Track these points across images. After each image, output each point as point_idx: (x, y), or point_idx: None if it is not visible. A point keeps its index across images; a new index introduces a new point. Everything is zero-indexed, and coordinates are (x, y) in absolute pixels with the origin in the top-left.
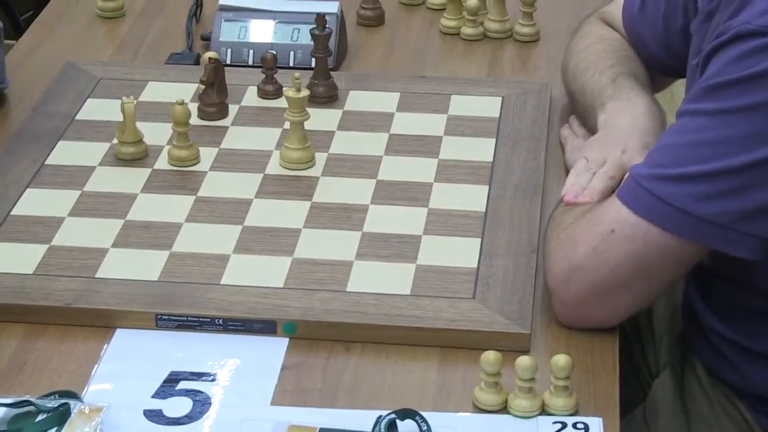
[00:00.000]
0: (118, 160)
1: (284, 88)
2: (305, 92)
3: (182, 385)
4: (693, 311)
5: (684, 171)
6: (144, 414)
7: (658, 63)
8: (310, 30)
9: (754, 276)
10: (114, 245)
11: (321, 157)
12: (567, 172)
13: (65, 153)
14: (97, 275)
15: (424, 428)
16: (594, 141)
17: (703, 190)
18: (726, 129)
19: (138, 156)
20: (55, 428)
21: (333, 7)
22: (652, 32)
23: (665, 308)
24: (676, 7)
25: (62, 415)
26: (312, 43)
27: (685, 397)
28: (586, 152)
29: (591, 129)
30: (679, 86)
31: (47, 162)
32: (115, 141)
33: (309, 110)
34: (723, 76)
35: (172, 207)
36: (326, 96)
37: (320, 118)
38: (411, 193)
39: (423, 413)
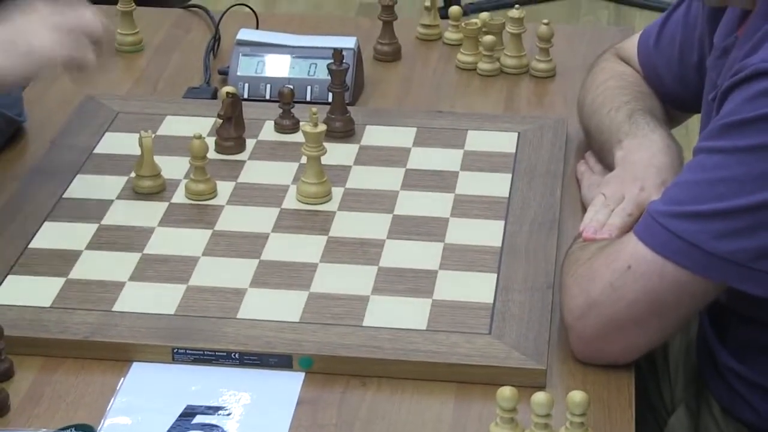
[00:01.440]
0: (135, 193)
1: (301, 123)
2: (322, 127)
3: (198, 419)
4: (708, 349)
5: (700, 208)
6: None
7: (673, 98)
8: (328, 65)
9: (766, 312)
10: (131, 279)
11: (337, 192)
12: (583, 207)
13: (83, 186)
14: (114, 309)
15: None
16: (612, 178)
17: (718, 227)
18: (742, 167)
19: (155, 190)
20: None
21: (350, 43)
22: (668, 67)
23: (680, 345)
24: (692, 42)
25: None
26: (329, 78)
27: None
28: (604, 189)
29: (608, 165)
30: (695, 121)
31: (65, 195)
32: (132, 174)
33: (326, 145)
34: (739, 114)
35: (189, 241)
36: (343, 131)
37: (337, 153)
38: (427, 228)
39: None
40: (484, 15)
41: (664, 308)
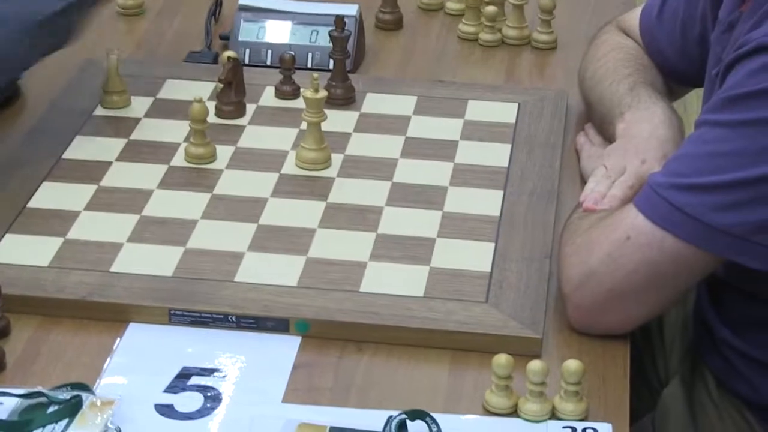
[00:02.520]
0: (103, 109)
1: (302, 89)
2: (323, 93)
3: (194, 380)
4: (705, 322)
5: (701, 181)
6: (155, 408)
7: (674, 71)
8: (329, 32)
9: (765, 287)
10: (129, 240)
11: (337, 158)
12: (582, 179)
13: (82, 148)
14: (111, 269)
15: (434, 430)
16: (613, 150)
17: (719, 200)
18: (744, 140)
19: (121, 105)
20: (67, 420)
21: (352, 10)
22: (669, 40)
23: (676, 317)
24: (694, 16)
25: (74, 407)
26: (330, 44)
27: (695, 407)
28: (606, 160)
29: (608, 137)
30: (693, 98)
31: (64, 156)
32: (132, 136)
33: (326, 112)
34: (743, 87)
35: (188, 204)
36: (344, 98)
37: (337, 120)
38: (426, 196)
39: (434, 414)
40: None
41: (663, 280)
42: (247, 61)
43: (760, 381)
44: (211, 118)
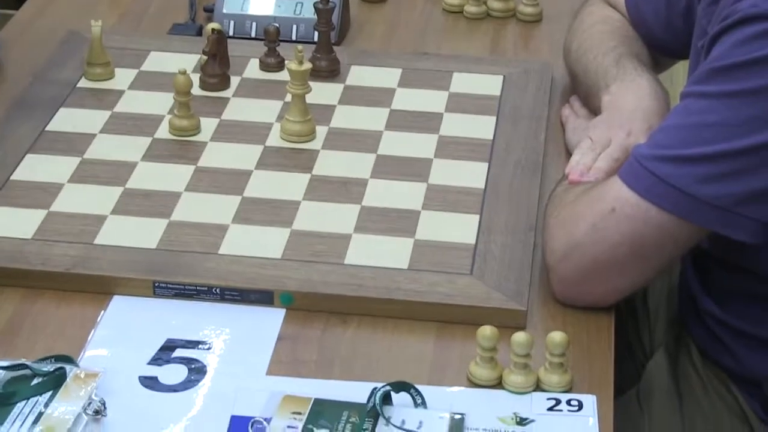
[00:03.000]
0: (86, 81)
1: (286, 61)
2: (307, 65)
3: (178, 352)
4: (690, 294)
5: (686, 152)
6: (139, 380)
7: (659, 43)
8: (314, 4)
9: (753, 260)
10: (113, 212)
11: (322, 131)
12: (567, 151)
13: (66, 120)
14: (95, 242)
15: (419, 401)
16: (599, 122)
17: (704, 171)
18: (729, 112)
19: (105, 77)
20: (51, 392)
21: None
22: (655, 12)
23: (661, 289)
24: None
25: (58, 379)
26: (315, 17)
27: (679, 379)
28: (591, 132)
29: (593, 109)
30: (680, 70)
31: (48, 128)
32: (115, 108)
33: (311, 84)
34: (728, 59)
35: (172, 176)
36: (328, 70)
37: (322, 92)
38: (411, 169)
39: (418, 386)
40: None
41: (647, 251)
42: (231, 33)
43: (743, 352)
44: (196, 91)
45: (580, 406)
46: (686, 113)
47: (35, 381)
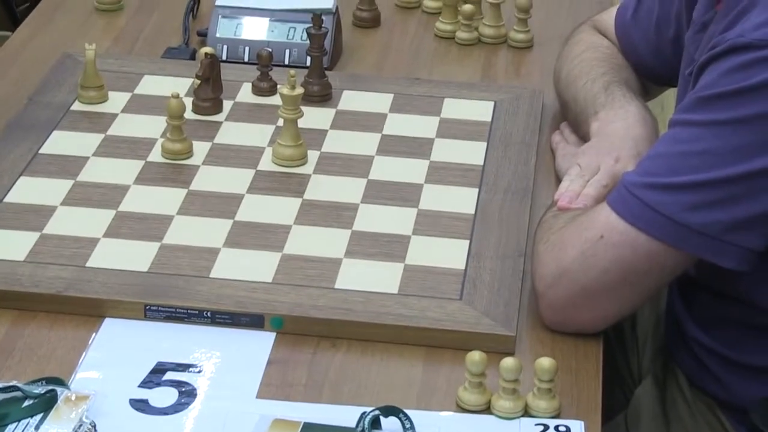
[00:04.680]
0: (80, 104)
1: (279, 86)
2: (299, 90)
3: (169, 375)
4: (676, 321)
5: (674, 180)
6: (130, 403)
7: (649, 71)
8: (306, 29)
9: (739, 286)
10: (105, 235)
11: (313, 155)
12: (557, 177)
13: (60, 142)
14: (87, 264)
15: (408, 426)
16: (587, 148)
17: (692, 199)
18: (716, 140)
19: (98, 100)
20: (41, 414)
21: (328, 3)
22: (644, 40)
23: (649, 316)
24: (669, 16)
25: (49, 401)
26: (308, 41)
27: (667, 405)
28: (580, 159)
29: (583, 136)
30: (670, 97)
31: (41, 151)
32: (108, 132)
33: (303, 108)
34: (716, 87)
35: (164, 199)
36: (320, 95)
37: (314, 117)
38: (401, 194)
39: (407, 411)
40: None
41: (635, 278)
42: (224, 57)
43: (730, 380)
44: (188, 114)
45: (568, 431)
46: (674, 141)
47: (26, 403)
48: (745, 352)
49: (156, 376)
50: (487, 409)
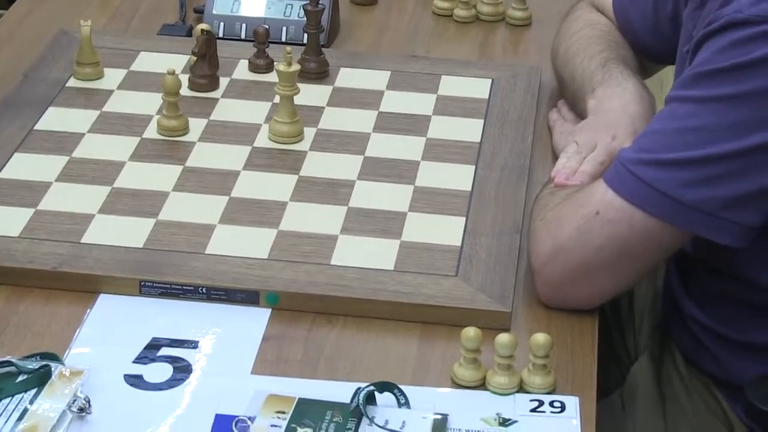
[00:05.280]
0: (75, 80)
1: (275, 63)
2: (296, 67)
3: (163, 351)
4: (673, 299)
5: (670, 157)
6: (124, 378)
7: (646, 48)
8: (303, 6)
9: (736, 264)
10: (100, 211)
11: (310, 132)
12: (554, 155)
13: (55, 119)
14: (82, 240)
15: (402, 401)
16: (584, 126)
17: (688, 176)
18: (713, 117)
19: (94, 77)
20: (36, 389)
21: None
22: (642, 17)
23: (646, 293)
24: None
25: (43, 376)
26: (305, 19)
27: (663, 383)
28: (577, 136)
29: (580, 113)
30: (669, 75)
31: (36, 127)
32: (104, 108)
33: (299, 86)
34: (712, 64)
35: (160, 176)
36: (317, 72)
37: (310, 94)
38: (398, 171)
39: (402, 387)
40: None
41: (631, 255)
42: (221, 34)
43: (727, 358)
44: (185, 91)
45: (563, 407)
46: (671, 117)
47: (20, 378)
48: (741, 330)
49: (150, 351)
50: (482, 385)
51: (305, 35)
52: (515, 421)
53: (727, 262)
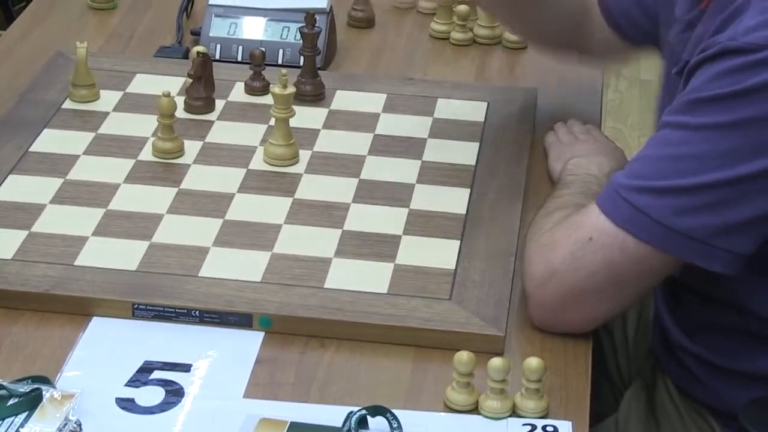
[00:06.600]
0: (71, 102)
1: (271, 85)
2: (291, 89)
3: (156, 374)
4: (663, 329)
5: (663, 184)
6: (116, 402)
7: (617, 27)
8: (299, 28)
9: (732, 292)
10: (94, 234)
11: (305, 155)
12: (550, 178)
13: (50, 141)
14: (75, 263)
15: (395, 425)
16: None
17: (681, 203)
18: (706, 144)
19: (90, 98)
20: (26, 413)
21: (323, 3)
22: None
23: (639, 320)
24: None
25: (34, 400)
26: (301, 41)
27: (656, 409)
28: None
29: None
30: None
31: (31, 149)
32: (99, 131)
33: (295, 108)
34: (706, 91)
35: (154, 198)
36: (313, 94)
37: (306, 116)
38: (393, 194)
39: (394, 411)
40: None
41: (623, 280)
42: (218, 56)
43: (719, 387)
44: (180, 113)
45: (556, 431)
46: (663, 144)
47: (11, 401)
48: (731, 358)
49: (143, 375)
50: (474, 409)
51: (302, 57)
52: None
53: (716, 289)
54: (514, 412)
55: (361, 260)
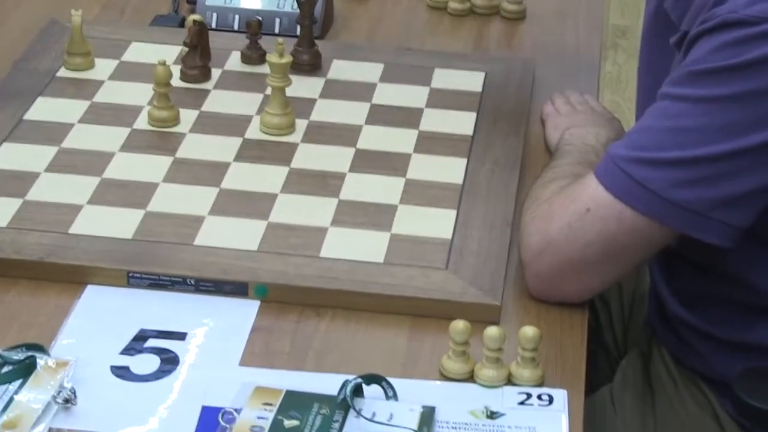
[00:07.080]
0: (66, 70)
1: (267, 54)
2: (288, 58)
3: (151, 343)
4: (659, 300)
5: (662, 156)
6: (111, 370)
7: None
8: None
9: (721, 262)
10: (89, 202)
11: (301, 124)
12: (547, 148)
13: (44, 109)
14: (70, 231)
15: (390, 393)
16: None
17: (679, 176)
18: (706, 117)
19: (85, 67)
20: (21, 380)
21: None
22: None
23: (635, 291)
24: None
25: (28, 367)
26: (298, 10)
27: (652, 378)
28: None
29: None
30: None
31: (26, 117)
32: (94, 99)
33: (292, 77)
34: (706, 63)
35: (150, 167)
36: (310, 64)
37: (303, 86)
38: (389, 163)
39: (390, 379)
40: None
41: (620, 251)
42: (214, 25)
43: (715, 357)
44: (176, 82)
45: (551, 400)
46: (663, 115)
47: (5, 369)
48: (728, 329)
49: (138, 343)
50: (470, 378)
51: (298, 27)
52: (503, 414)
53: (713, 260)
54: (510, 381)
55: (358, 230)
